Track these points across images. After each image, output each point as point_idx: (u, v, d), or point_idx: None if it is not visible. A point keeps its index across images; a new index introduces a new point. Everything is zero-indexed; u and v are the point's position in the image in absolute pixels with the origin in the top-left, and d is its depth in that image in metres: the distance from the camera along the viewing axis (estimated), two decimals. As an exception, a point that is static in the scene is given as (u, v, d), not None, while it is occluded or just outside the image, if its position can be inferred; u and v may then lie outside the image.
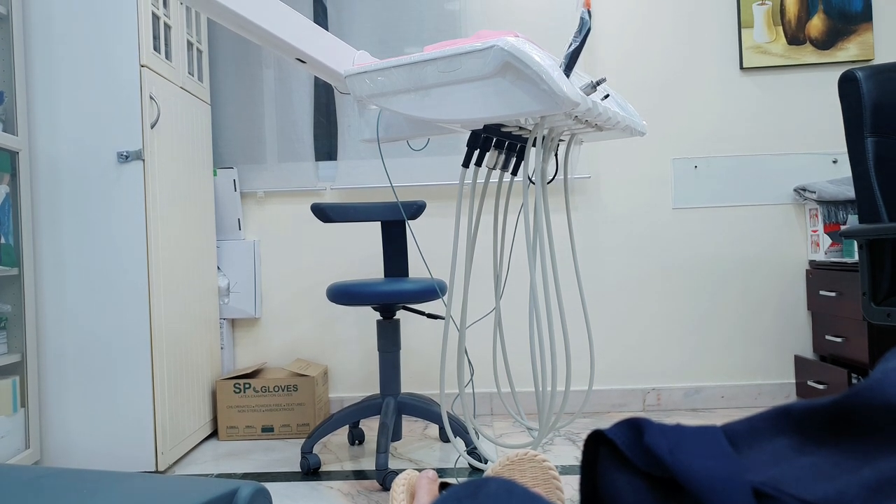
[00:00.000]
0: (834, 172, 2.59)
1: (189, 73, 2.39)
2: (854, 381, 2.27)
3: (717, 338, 2.63)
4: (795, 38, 2.59)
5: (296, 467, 2.08)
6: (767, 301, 2.62)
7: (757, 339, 2.62)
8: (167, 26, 2.22)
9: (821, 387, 2.42)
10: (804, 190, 2.53)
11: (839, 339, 2.35)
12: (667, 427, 0.43)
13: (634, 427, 0.44)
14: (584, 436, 2.20)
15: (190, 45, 2.43)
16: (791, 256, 2.61)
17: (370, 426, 2.52)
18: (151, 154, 2.04)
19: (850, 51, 2.58)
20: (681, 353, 2.63)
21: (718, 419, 2.45)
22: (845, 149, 2.36)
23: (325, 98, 2.70)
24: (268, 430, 2.40)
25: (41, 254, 2.01)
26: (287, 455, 2.21)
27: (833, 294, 2.37)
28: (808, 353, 2.60)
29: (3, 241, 1.90)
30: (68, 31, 2.00)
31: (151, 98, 2.05)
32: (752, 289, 2.62)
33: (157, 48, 2.13)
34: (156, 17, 2.13)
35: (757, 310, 2.62)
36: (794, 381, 2.60)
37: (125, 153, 1.99)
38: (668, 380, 2.63)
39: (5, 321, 1.95)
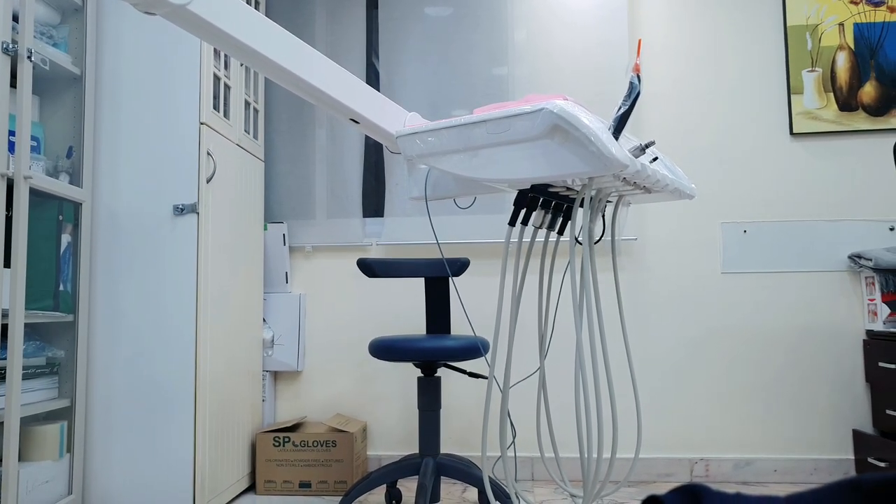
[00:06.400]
0: (890, 240, 2.52)
1: (245, 130, 2.49)
2: (918, 459, 2.15)
3: (770, 408, 2.52)
4: (847, 104, 2.56)
5: (331, 526, 2.05)
6: (822, 371, 2.52)
7: (811, 410, 2.51)
8: (227, 86, 2.33)
9: (882, 464, 2.29)
10: (859, 257, 2.45)
11: (901, 414, 2.23)
12: (727, 496, 0.41)
13: (692, 494, 0.42)
14: (628, 506, 2.11)
15: (247, 104, 2.53)
16: (846, 325, 2.52)
17: (408, 486, 2.47)
18: (206, 207, 2.11)
19: (904, 117, 2.54)
20: (731, 423, 2.53)
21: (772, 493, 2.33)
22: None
23: (374, 157, 2.77)
24: (305, 485, 2.38)
25: (96, 301, 2.07)
26: (323, 513, 2.18)
27: (893, 366, 2.27)
28: (867, 427, 2.47)
29: (62, 288, 1.97)
30: (135, 90, 2.11)
31: (209, 154, 2.13)
32: (805, 358, 2.53)
33: (216, 107, 2.23)
34: (217, 78, 2.24)
35: (811, 380, 2.52)
36: (852, 457, 2.47)
37: (181, 206, 2.06)
38: (718, 450, 2.53)
39: (58, 366, 2.00)
